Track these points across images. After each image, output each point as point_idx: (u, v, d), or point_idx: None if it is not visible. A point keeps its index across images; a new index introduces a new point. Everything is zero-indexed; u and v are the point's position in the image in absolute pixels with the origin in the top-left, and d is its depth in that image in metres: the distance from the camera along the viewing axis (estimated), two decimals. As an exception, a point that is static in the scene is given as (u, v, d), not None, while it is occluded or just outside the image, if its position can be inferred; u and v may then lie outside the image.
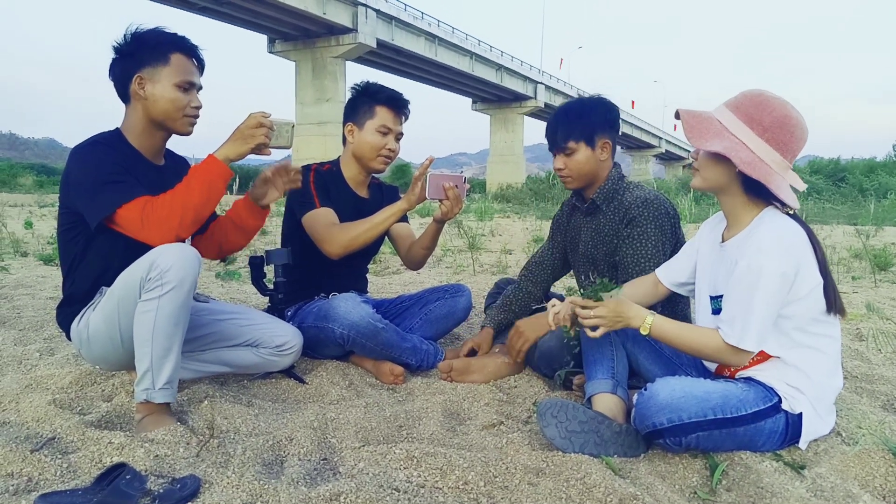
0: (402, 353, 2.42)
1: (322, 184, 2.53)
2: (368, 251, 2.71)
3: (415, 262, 2.71)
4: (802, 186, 1.73)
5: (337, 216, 2.46)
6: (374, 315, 2.34)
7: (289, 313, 2.58)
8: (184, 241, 1.93)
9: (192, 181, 1.87)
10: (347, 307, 2.31)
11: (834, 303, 1.67)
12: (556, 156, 2.35)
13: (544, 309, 2.25)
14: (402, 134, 2.59)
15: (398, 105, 2.54)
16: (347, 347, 2.39)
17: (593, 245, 2.40)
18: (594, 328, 1.76)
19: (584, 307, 1.76)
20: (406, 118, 2.60)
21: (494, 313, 2.67)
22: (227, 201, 8.73)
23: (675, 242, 2.30)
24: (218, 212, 2.33)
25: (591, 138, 2.30)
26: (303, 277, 2.57)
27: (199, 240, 2.25)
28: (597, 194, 2.37)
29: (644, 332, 1.72)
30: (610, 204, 2.35)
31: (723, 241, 1.80)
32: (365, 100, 2.53)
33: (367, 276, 2.94)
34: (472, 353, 2.58)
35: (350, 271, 2.70)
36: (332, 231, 2.39)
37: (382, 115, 2.51)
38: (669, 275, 2.01)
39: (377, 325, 2.32)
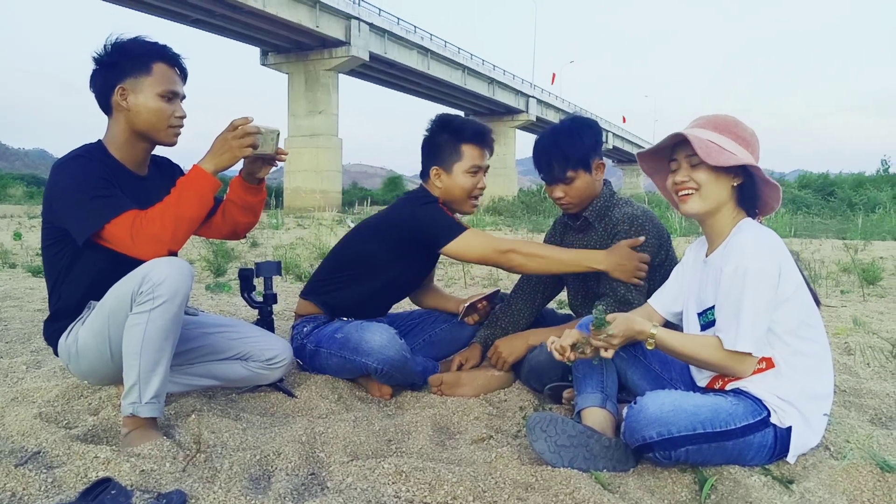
0: (414, 377, 2.40)
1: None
2: (413, 283, 2.72)
3: (420, 304, 2.84)
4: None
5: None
6: (405, 346, 2.29)
7: (304, 329, 2.48)
8: (175, 254, 1.92)
9: (182, 195, 1.86)
10: (382, 341, 2.25)
11: (815, 296, 1.77)
12: (554, 185, 2.33)
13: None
14: (488, 167, 2.51)
15: (485, 141, 2.46)
16: (376, 378, 2.34)
17: None
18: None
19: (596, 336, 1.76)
20: (492, 151, 2.51)
21: (483, 332, 2.64)
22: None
23: (663, 260, 2.30)
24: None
25: (587, 164, 2.30)
26: (349, 294, 2.51)
27: (210, 223, 2.21)
28: (589, 211, 2.37)
29: (650, 347, 1.73)
30: (601, 221, 2.36)
31: (706, 258, 1.83)
32: (448, 139, 2.43)
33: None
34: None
35: (386, 304, 2.65)
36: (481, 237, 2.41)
37: (470, 153, 2.41)
38: (664, 303, 2.01)
39: (407, 356, 2.28)
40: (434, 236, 2.37)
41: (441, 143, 2.44)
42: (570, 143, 2.28)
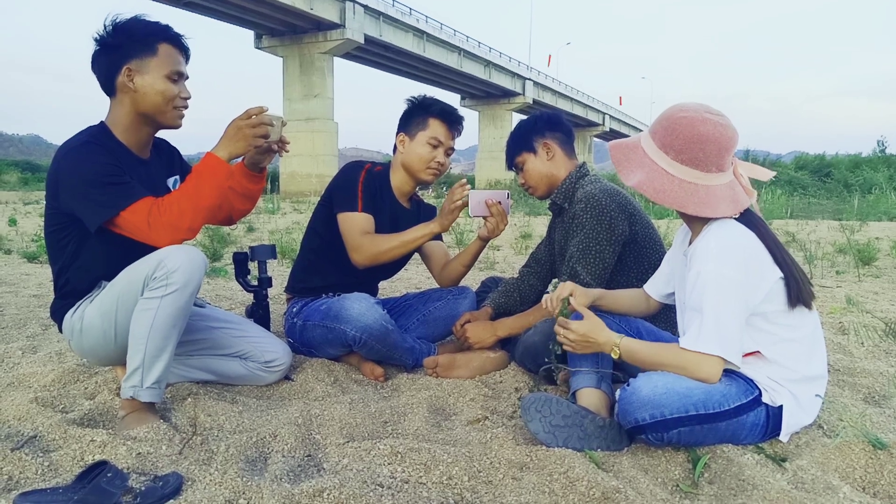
0: (402, 353, 2.41)
1: (370, 186, 2.51)
2: (394, 267, 2.70)
3: (451, 280, 2.72)
4: (766, 177, 1.76)
5: (375, 224, 2.46)
6: (386, 317, 2.32)
7: (294, 308, 2.55)
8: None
9: (200, 183, 1.85)
10: (361, 309, 2.28)
11: (798, 294, 1.66)
12: (516, 174, 2.50)
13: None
14: (452, 149, 2.57)
15: (451, 119, 2.54)
16: (356, 349, 2.36)
17: (559, 245, 2.44)
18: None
19: (561, 325, 1.83)
20: (459, 134, 2.59)
21: (496, 296, 2.67)
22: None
23: (631, 235, 2.28)
24: None
25: (530, 145, 2.42)
26: (318, 272, 2.56)
27: None
28: (556, 195, 2.42)
29: (615, 357, 1.74)
30: (570, 203, 2.38)
31: (688, 247, 1.81)
32: (419, 111, 2.54)
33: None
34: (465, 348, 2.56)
35: (366, 277, 2.63)
36: (363, 240, 2.39)
37: (435, 127, 2.51)
38: (656, 287, 2.02)
39: (388, 326, 2.30)
40: (336, 199, 2.50)
41: (413, 115, 2.56)
42: (516, 131, 2.46)
